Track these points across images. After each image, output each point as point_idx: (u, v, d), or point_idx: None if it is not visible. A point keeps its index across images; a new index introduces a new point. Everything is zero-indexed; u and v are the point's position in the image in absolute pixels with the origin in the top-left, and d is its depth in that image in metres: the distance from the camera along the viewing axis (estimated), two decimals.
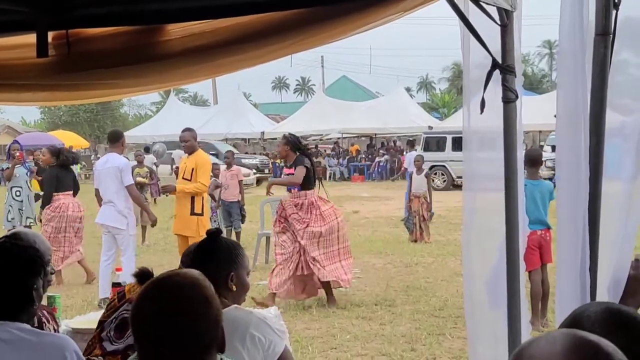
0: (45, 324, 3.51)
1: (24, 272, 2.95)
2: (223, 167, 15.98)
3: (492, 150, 3.29)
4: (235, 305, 3.23)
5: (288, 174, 10.24)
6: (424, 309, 9.60)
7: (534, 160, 8.66)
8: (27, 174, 14.17)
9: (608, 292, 2.67)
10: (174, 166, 23.58)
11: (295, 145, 10.21)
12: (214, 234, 3.31)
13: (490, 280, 3.33)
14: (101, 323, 3.76)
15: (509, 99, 3.01)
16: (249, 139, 47.34)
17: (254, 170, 35.85)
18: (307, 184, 9.99)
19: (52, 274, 3.65)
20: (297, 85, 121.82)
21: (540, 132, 39.08)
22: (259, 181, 35.41)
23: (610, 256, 2.71)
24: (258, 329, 3.15)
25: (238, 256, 3.31)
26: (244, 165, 35.10)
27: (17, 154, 14.22)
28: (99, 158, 15.08)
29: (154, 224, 11.12)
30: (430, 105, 68.08)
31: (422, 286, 11.11)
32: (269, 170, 38.15)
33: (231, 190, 15.35)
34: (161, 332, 2.11)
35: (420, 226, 15.84)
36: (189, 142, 10.58)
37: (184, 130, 10.84)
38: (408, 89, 65.89)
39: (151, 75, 3.80)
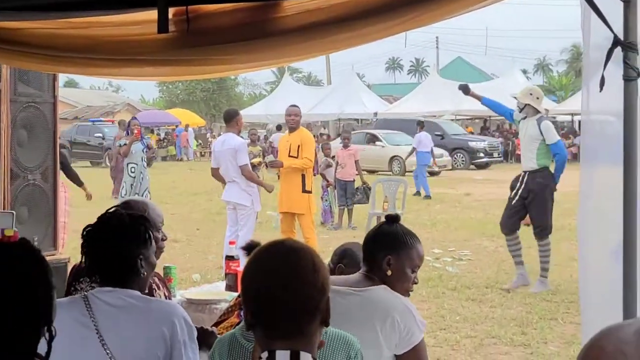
0: (156, 290, 3.58)
1: (127, 241, 2.97)
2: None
3: (611, 132, 3.21)
4: (385, 286, 3.26)
5: None
6: (535, 293, 9.45)
7: None
8: (143, 150, 14.42)
9: None
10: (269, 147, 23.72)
11: None
12: (393, 218, 3.42)
13: (607, 265, 3.26)
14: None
15: (630, 76, 2.93)
16: (361, 119, 47.38)
17: (482, 154, 34.87)
18: None
19: (163, 240, 3.72)
20: (410, 66, 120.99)
21: None
22: (487, 164, 34.36)
23: None
24: (402, 315, 3.17)
25: (402, 243, 3.34)
26: (469, 148, 34.73)
27: (136, 130, 14.49)
28: (214, 136, 15.36)
29: (270, 190, 11.13)
30: (547, 88, 66.60)
31: (535, 270, 10.92)
32: (499, 154, 36.71)
33: (347, 169, 15.47)
34: (267, 291, 2.14)
35: None
36: (299, 117, 10.77)
37: (292, 106, 10.94)
38: (524, 71, 64.65)
39: (266, 51, 3.84)
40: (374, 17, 3.39)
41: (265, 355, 2.13)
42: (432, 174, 26.06)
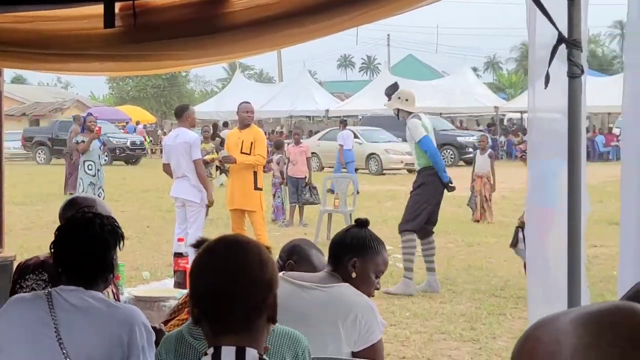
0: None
1: (103, 243, 2.99)
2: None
3: (556, 129, 3.25)
4: (349, 285, 3.29)
5: None
6: (484, 289, 9.55)
7: None
8: (100, 147, 14.14)
9: None
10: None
11: None
12: (363, 223, 3.51)
13: (553, 261, 3.30)
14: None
15: (574, 73, 2.96)
16: (313, 117, 47.41)
17: (471, 149, 32.65)
18: None
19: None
20: (362, 63, 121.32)
21: (609, 114, 38.41)
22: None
23: None
24: (364, 312, 3.21)
25: (369, 248, 3.40)
26: (458, 144, 33.63)
27: (97, 128, 14.17)
28: (165, 133, 15.23)
29: (210, 205, 10.99)
30: (497, 86, 67.29)
31: (484, 266, 11.05)
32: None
33: (299, 166, 15.46)
34: (215, 287, 2.15)
35: (482, 206, 15.74)
36: (254, 113, 10.78)
37: (246, 103, 10.86)
38: (475, 69, 65.14)
39: (215, 46, 3.83)
40: (324, 13, 3.39)
41: (210, 351, 2.12)
42: (410, 171, 25.45)
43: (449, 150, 33.77)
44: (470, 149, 33.46)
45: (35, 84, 71.78)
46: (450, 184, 9.70)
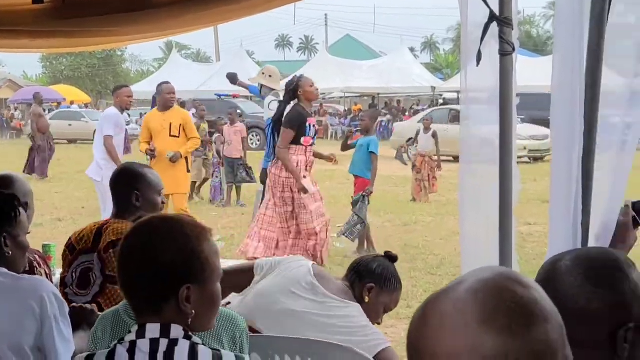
0: (37, 268, 3.51)
1: None
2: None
3: (488, 109, 3.27)
4: (360, 308, 3.39)
5: None
6: (421, 267, 9.65)
7: None
8: None
9: (597, 239, 2.67)
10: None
11: None
12: (392, 258, 3.66)
13: (486, 239, 3.33)
14: (62, 280, 3.77)
15: (505, 51, 2.98)
16: (251, 97, 47.18)
17: None
18: None
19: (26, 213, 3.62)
20: (300, 43, 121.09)
21: (544, 93, 38.98)
22: None
23: (600, 205, 2.71)
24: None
25: (390, 283, 3.54)
26: None
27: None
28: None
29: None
30: (434, 66, 67.78)
31: (420, 245, 11.16)
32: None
33: (234, 146, 15.39)
34: (128, 270, 2.20)
35: (422, 185, 15.87)
36: (175, 94, 10.31)
37: (167, 83, 10.44)
38: (412, 49, 65.50)
39: (148, 23, 3.78)
40: None
41: (135, 328, 2.12)
42: (536, 159, 24.45)
43: None
44: None
45: None
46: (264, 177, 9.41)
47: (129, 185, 3.80)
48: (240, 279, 3.56)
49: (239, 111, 32.28)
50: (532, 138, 24.05)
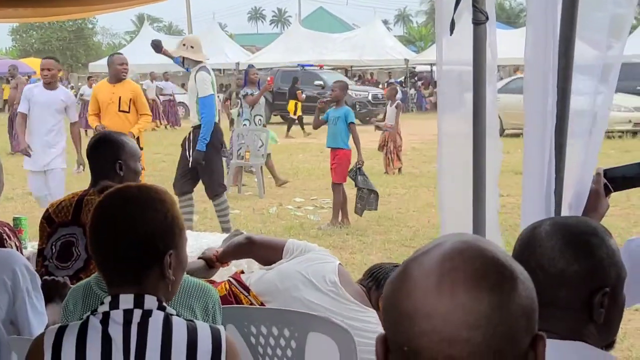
0: (7, 241, 3.47)
1: None
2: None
3: (462, 83, 3.26)
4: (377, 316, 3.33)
5: None
6: (395, 239, 9.68)
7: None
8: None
9: (570, 208, 2.68)
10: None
11: None
12: None
13: (463, 211, 3.33)
14: (41, 252, 3.73)
15: (479, 20, 2.97)
16: (224, 70, 46.95)
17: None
18: None
19: None
20: (273, 16, 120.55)
21: (517, 66, 39.01)
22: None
23: (573, 175, 2.72)
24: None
25: None
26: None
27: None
28: (72, 87, 14.84)
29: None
30: (407, 39, 67.73)
31: (394, 216, 11.19)
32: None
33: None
34: (100, 241, 2.19)
35: (388, 157, 15.89)
36: (128, 66, 9.69)
37: (119, 54, 9.99)
38: (385, 22, 65.37)
39: None
40: None
41: (108, 299, 2.11)
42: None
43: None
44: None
45: None
46: (200, 159, 8.91)
47: (112, 154, 3.76)
48: (270, 254, 3.54)
49: (321, 82, 31.82)
50: (637, 110, 21.99)
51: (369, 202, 10.44)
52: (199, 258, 3.69)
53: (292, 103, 25.82)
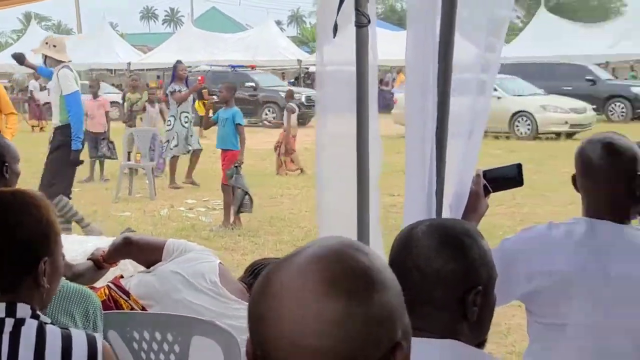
0: None
1: None
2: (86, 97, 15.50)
3: (346, 81, 3.27)
4: None
5: None
6: (287, 239, 9.70)
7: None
8: None
9: (450, 209, 2.73)
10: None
11: None
12: None
13: (344, 213, 3.34)
14: None
15: (361, 23, 3.00)
16: (115, 70, 46.17)
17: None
18: None
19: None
20: (165, 16, 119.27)
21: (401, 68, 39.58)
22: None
23: (453, 175, 2.76)
24: None
25: None
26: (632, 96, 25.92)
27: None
28: None
29: None
30: (301, 39, 67.88)
31: (286, 217, 11.21)
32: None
33: (97, 120, 15.02)
34: None
35: (282, 159, 15.97)
36: None
37: None
38: (278, 22, 65.50)
39: None
40: None
41: None
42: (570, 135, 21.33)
43: (618, 104, 26.61)
44: None
45: None
46: (77, 158, 8.82)
47: None
48: (149, 255, 3.48)
49: (253, 84, 31.11)
50: (573, 111, 21.56)
51: (243, 203, 10.39)
52: (88, 259, 3.63)
53: (198, 103, 25.41)
